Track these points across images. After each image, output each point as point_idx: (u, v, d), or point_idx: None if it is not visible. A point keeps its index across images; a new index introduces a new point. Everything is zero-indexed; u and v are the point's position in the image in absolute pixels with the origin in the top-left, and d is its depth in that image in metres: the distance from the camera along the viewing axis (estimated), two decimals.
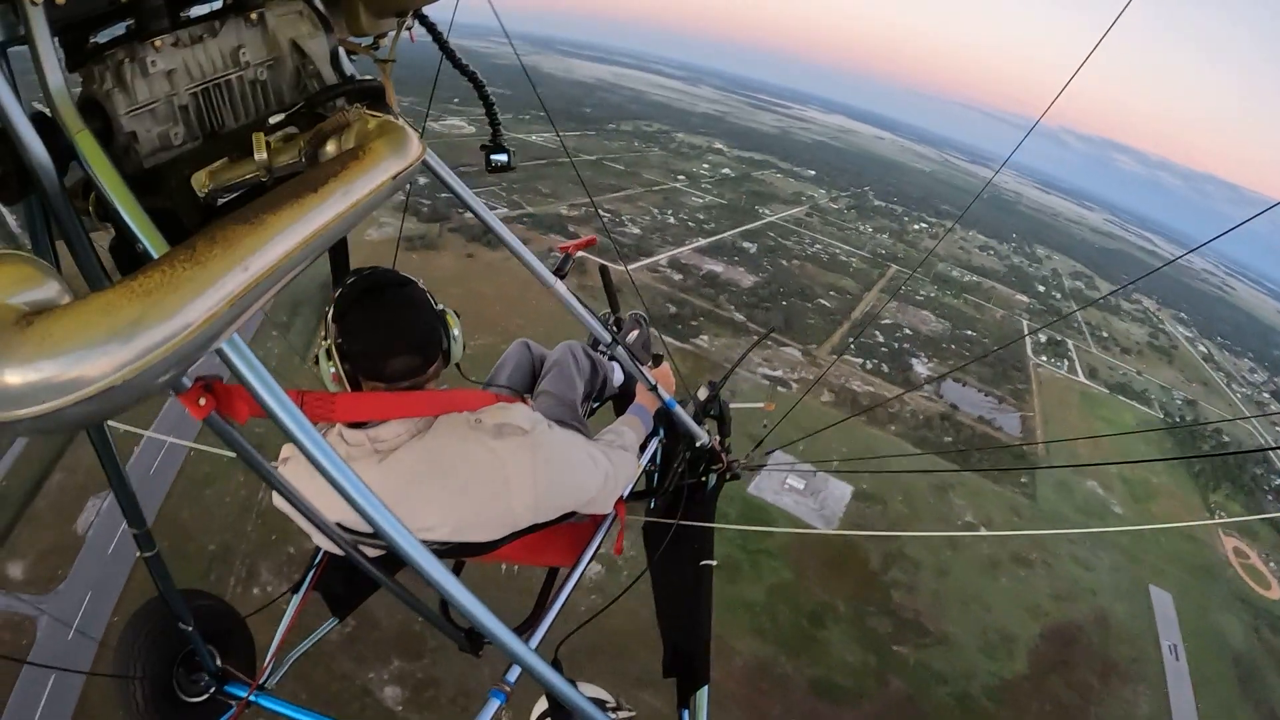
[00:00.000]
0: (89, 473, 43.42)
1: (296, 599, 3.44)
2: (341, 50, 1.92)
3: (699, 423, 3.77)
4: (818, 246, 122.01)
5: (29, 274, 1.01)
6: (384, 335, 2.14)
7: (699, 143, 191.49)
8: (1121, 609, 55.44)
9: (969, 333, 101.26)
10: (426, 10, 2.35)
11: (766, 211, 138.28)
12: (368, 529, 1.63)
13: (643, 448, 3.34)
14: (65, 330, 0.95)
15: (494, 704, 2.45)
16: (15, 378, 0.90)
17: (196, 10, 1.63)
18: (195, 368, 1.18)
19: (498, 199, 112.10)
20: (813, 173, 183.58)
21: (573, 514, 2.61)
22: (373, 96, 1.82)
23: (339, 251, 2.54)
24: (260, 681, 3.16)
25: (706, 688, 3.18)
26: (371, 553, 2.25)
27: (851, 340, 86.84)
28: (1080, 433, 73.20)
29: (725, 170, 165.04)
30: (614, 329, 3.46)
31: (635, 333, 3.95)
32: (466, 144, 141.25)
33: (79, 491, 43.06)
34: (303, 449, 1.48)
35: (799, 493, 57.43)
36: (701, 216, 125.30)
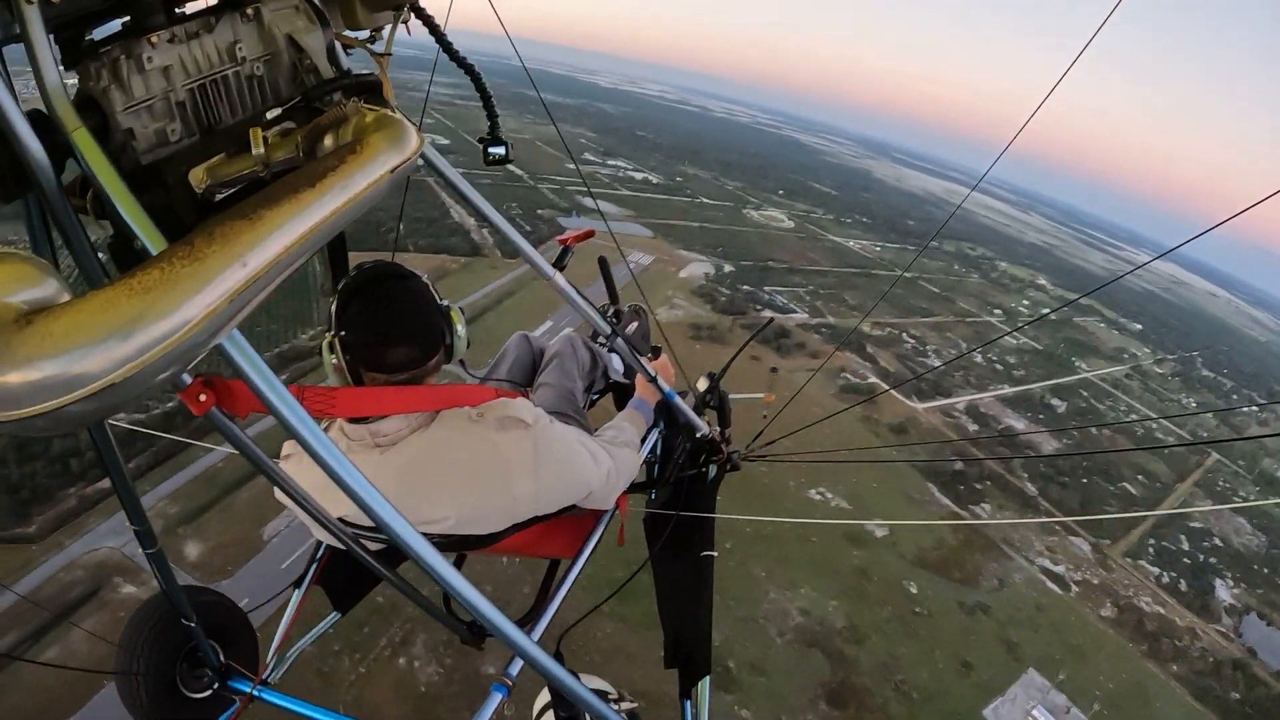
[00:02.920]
0: None
1: (298, 594, 3.45)
2: (338, 44, 1.93)
3: (699, 414, 3.77)
4: (1133, 416, 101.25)
5: (28, 273, 1.02)
6: (383, 325, 2.17)
7: (1021, 275, 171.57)
8: None
9: None
10: (423, 3, 2.30)
11: (1083, 366, 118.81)
12: (369, 523, 1.64)
13: (643, 440, 3.34)
14: (65, 328, 0.95)
15: (496, 697, 2.45)
16: (15, 377, 0.91)
17: (192, 6, 1.64)
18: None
19: (801, 302, 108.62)
20: (1139, 327, 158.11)
21: (574, 507, 2.61)
22: (370, 91, 1.82)
23: (338, 247, 2.57)
24: (264, 676, 3.19)
25: (708, 678, 3.20)
26: (373, 547, 2.26)
27: (1151, 543, 71.16)
28: None
29: (1045, 310, 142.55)
30: (613, 320, 3.42)
31: (634, 324, 3.96)
32: (784, 238, 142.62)
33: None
34: (303, 444, 1.49)
35: None
36: (1011, 360, 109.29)
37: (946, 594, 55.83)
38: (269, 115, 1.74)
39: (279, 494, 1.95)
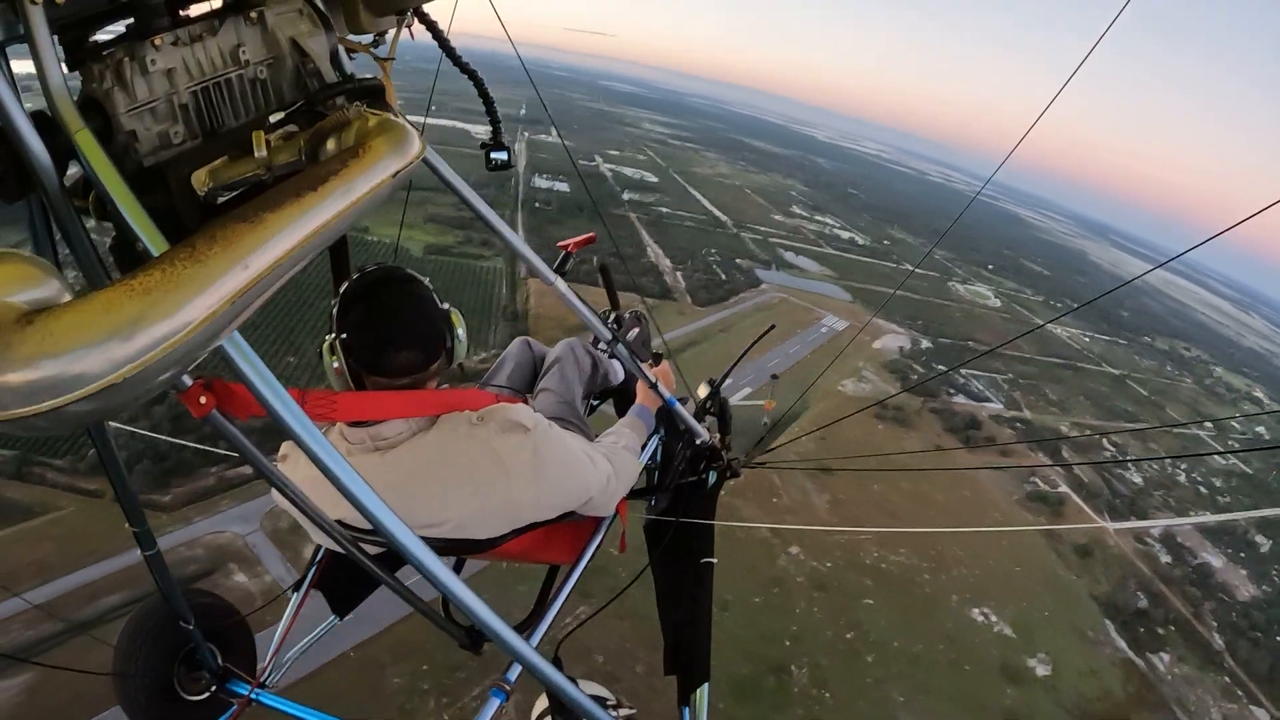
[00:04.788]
0: None
1: (297, 597, 3.47)
2: (341, 48, 1.94)
3: (699, 420, 3.80)
4: None
5: (29, 273, 1.03)
6: (387, 329, 2.19)
7: (1237, 384, 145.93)
8: None
9: None
10: (426, 8, 2.36)
11: None
12: (368, 526, 1.66)
13: (644, 446, 3.34)
14: (65, 329, 0.96)
15: (494, 703, 2.48)
16: (16, 376, 0.91)
17: (196, 9, 1.65)
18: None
19: (997, 390, 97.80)
20: None
21: (573, 512, 2.62)
22: (373, 95, 1.82)
23: (339, 250, 2.57)
24: (262, 679, 3.19)
25: (707, 685, 3.21)
26: (372, 550, 2.25)
27: None
28: None
29: (1260, 429, 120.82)
30: (614, 326, 3.50)
31: (635, 330, 3.96)
32: (988, 317, 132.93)
33: None
34: (304, 447, 1.51)
35: None
36: (1218, 483, 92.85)
37: None
38: (272, 119, 1.74)
39: (277, 497, 1.94)
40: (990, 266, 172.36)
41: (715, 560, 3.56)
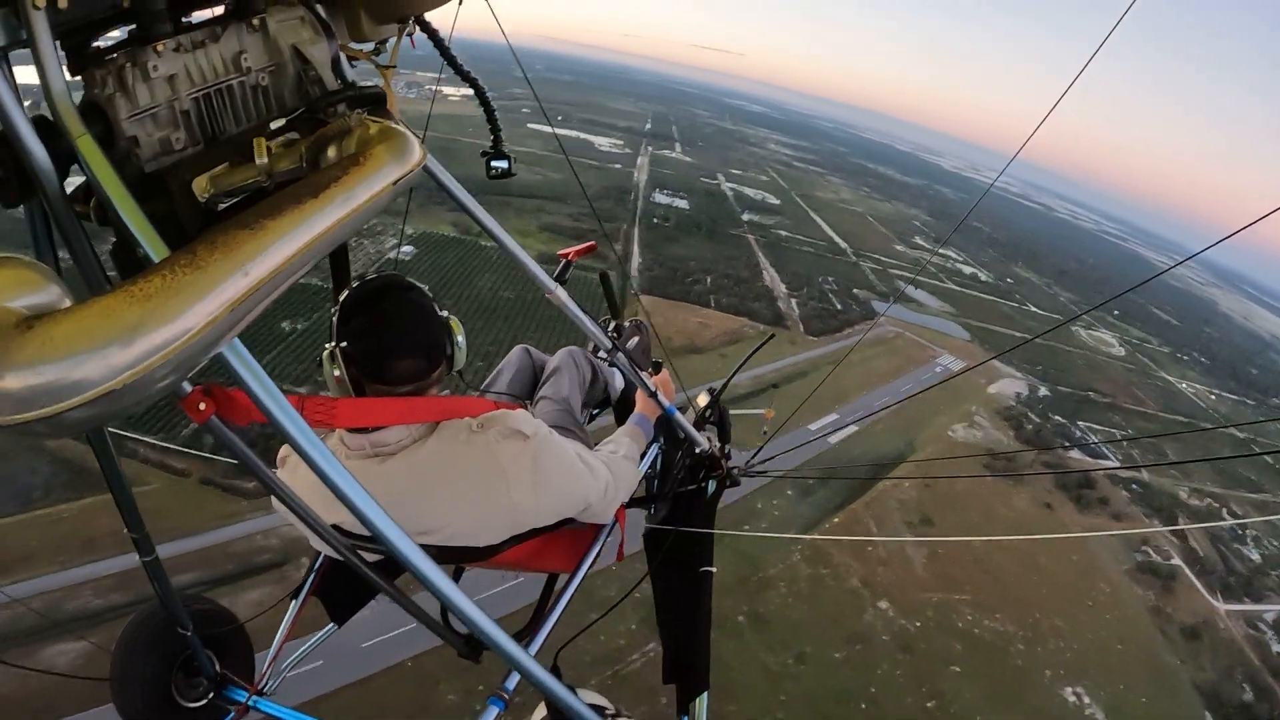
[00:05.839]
0: None
1: (295, 604, 3.45)
2: (343, 56, 1.92)
3: (698, 429, 3.77)
4: None
5: (29, 278, 1.04)
6: (389, 338, 2.18)
7: None
8: None
9: None
10: (428, 16, 2.38)
11: None
12: (367, 533, 1.66)
13: (643, 455, 3.32)
14: (65, 334, 0.96)
15: (493, 711, 2.46)
16: (15, 381, 0.91)
17: (198, 15, 1.66)
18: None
19: (1116, 447, 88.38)
20: None
21: (572, 520, 2.60)
22: (374, 102, 1.83)
23: (340, 257, 2.54)
24: (260, 687, 3.18)
25: (706, 694, 3.19)
26: (371, 558, 2.24)
27: None
28: None
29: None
30: (614, 335, 3.49)
31: (635, 339, 4.00)
32: (1111, 366, 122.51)
33: None
34: (302, 454, 1.51)
35: None
36: None
37: None
38: (273, 125, 1.75)
39: (275, 503, 1.95)
40: (1116, 312, 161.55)
41: (715, 569, 3.54)
